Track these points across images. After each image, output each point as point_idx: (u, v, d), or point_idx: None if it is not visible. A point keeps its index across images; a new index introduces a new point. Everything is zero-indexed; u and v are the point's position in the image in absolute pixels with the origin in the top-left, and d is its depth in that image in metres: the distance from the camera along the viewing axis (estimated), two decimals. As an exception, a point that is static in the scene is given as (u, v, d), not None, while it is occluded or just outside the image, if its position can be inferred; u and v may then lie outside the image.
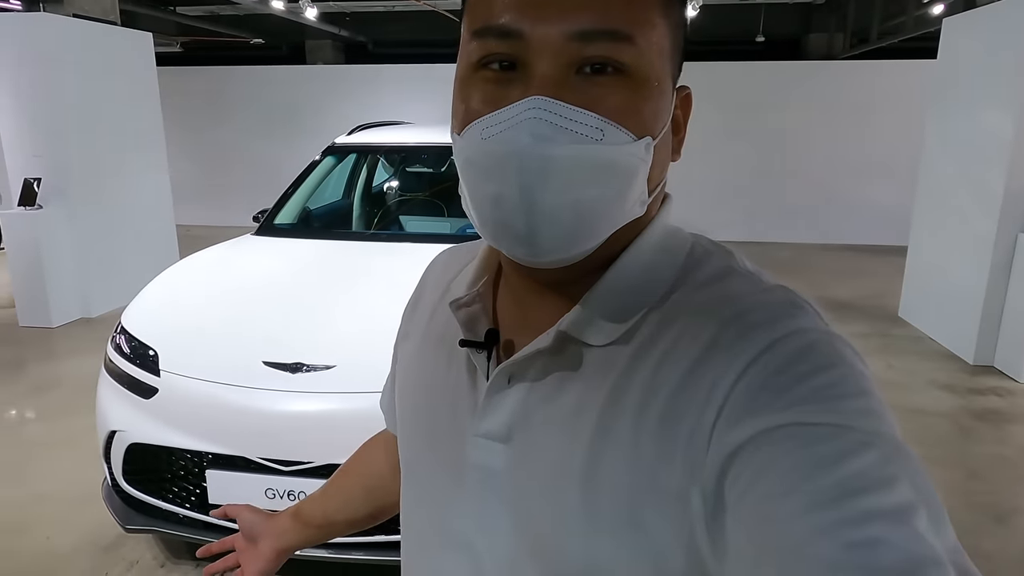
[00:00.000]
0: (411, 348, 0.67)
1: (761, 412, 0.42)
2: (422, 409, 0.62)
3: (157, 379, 2.13)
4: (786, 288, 0.50)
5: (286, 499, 1.98)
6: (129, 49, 5.61)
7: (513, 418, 0.53)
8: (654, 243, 0.53)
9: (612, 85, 0.45)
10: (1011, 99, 4.05)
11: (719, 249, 0.54)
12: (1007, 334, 4.18)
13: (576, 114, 0.44)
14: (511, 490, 0.52)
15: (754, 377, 0.43)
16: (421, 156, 4.01)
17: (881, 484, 0.38)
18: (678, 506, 0.45)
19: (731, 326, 0.46)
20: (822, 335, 0.45)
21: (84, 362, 4.20)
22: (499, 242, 0.49)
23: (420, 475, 0.61)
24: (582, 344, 0.51)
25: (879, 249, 7.72)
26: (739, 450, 0.41)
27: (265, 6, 7.53)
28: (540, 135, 0.43)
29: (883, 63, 8.03)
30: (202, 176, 9.51)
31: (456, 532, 0.56)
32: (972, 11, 4.61)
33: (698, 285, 0.50)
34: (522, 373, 0.53)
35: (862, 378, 0.44)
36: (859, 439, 0.39)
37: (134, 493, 2.16)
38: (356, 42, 10.12)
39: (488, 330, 0.56)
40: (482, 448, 0.54)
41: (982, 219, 4.30)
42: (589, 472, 0.48)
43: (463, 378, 0.58)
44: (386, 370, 2.33)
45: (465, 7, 0.50)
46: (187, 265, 2.81)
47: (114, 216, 5.46)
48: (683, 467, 0.44)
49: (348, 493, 0.86)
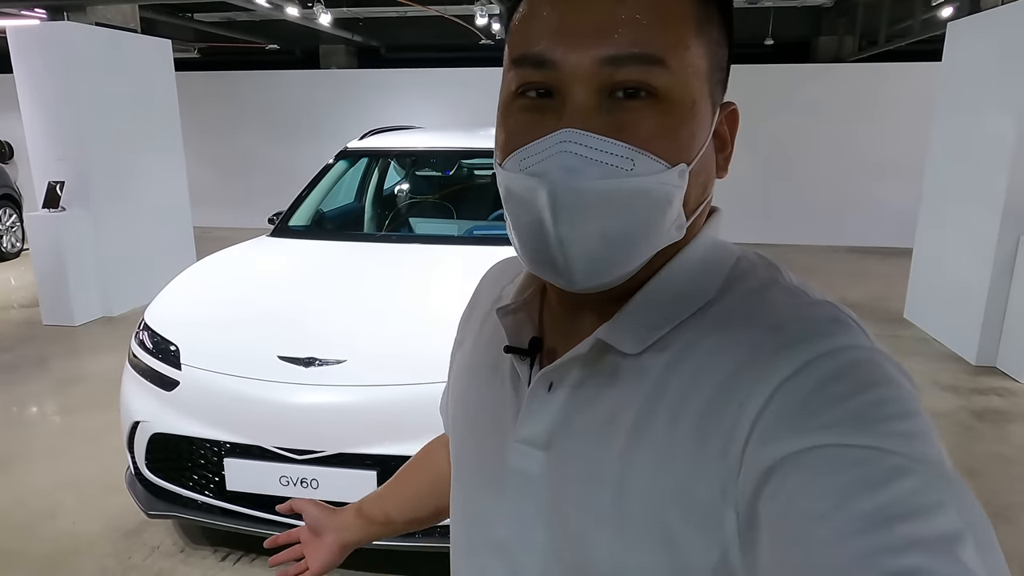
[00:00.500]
0: (464, 354, 0.68)
1: (797, 432, 0.40)
2: (470, 414, 0.63)
3: (178, 372, 2.24)
4: (832, 303, 0.48)
5: (299, 486, 2.09)
6: (149, 56, 5.77)
7: (552, 425, 0.53)
8: (698, 256, 0.52)
9: (645, 110, 0.45)
10: (1013, 102, 4.08)
11: (765, 262, 0.53)
12: (1009, 335, 4.22)
13: (607, 144, 0.44)
14: (547, 496, 0.53)
15: (790, 395, 0.42)
16: (430, 160, 4.12)
17: (924, 511, 0.36)
18: (710, 519, 0.44)
19: (769, 341, 0.45)
20: (866, 353, 0.44)
21: (105, 359, 4.35)
22: (537, 270, 0.50)
23: (465, 478, 0.63)
24: (619, 352, 0.50)
25: (888, 251, 7.74)
26: (774, 469, 0.40)
27: (280, 12, 7.68)
28: (570, 168, 0.44)
29: (890, 66, 8.05)
30: (219, 178, 9.69)
31: (494, 534, 0.57)
32: (976, 15, 4.65)
33: (739, 298, 0.50)
34: (562, 380, 0.53)
35: (908, 399, 0.42)
36: (901, 463, 0.38)
37: (156, 481, 2.27)
38: (369, 47, 10.26)
39: (532, 338, 0.57)
40: (521, 454, 0.55)
41: (984, 221, 4.34)
42: (622, 480, 0.48)
43: (507, 384, 0.59)
44: (393, 364, 2.44)
45: (506, 37, 0.51)
46: (206, 265, 2.94)
47: (134, 218, 5.61)
48: (715, 482, 0.44)
49: (411, 491, 0.88)
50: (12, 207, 7.69)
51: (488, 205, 3.79)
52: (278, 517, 2.14)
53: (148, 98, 5.74)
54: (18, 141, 8.99)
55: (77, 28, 5.11)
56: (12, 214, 7.69)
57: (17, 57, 5.08)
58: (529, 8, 0.48)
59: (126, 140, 5.50)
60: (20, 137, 6.41)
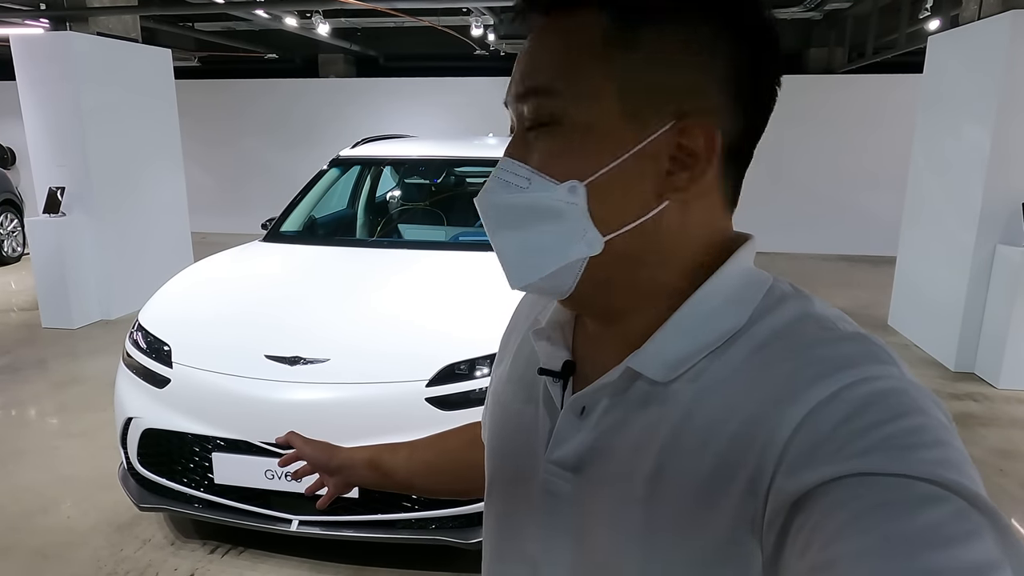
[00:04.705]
0: (502, 373, 0.70)
1: (825, 462, 0.40)
2: (506, 433, 0.65)
3: (170, 370, 2.34)
4: (865, 336, 0.48)
5: (283, 480, 2.18)
6: (149, 65, 5.89)
7: (583, 448, 0.55)
8: (730, 284, 0.52)
9: (543, 137, 0.51)
10: (989, 115, 4.19)
11: (798, 293, 0.53)
12: (986, 342, 4.32)
13: (514, 167, 0.52)
14: (577, 516, 0.55)
15: (818, 425, 0.42)
16: (420, 168, 4.22)
17: (956, 540, 0.35)
18: (736, 548, 0.45)
19: (799, 374, 0.45)
20: (896, 383, 0.43)
21: (103, 361, 4.44)
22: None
23: (498, 492, 0.66)
24: (648, 380, 0.52)
25: (877, 259, 7.84)
26: (801, 501, 0.40)
27: (279, 22, 7.82)
28: (488, 188, 0.54)
29: (878, 77, 8.18)
30: (217, 185, 9.81)
31: (524, 551, 0.60)
32: (955, 29, 4.76)
33: (770, 328, 0.50)
34: (593, 405, 0.55)
35: (939, 428, 0.41)
36: (932, 491, 0.37)
37: (148, 475, 2.37)
38: (367, 56, 10.40)
39: (565, 361, 0.59)
40: (553, 475, 0.57)
41: (963, 230, 4.44)
42: (650, 507, 0.49)
43: (541, 406, 0.61)
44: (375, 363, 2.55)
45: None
46: (198, 268, 3.04)
47: (133, 223, 5.71)
48: (741, 513, 0.45)
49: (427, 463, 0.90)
50: (13, 212, 7.81)
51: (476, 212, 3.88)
52: (264, 510, 2.24)
53: (148, 106, 5.85)
54: (20, 147, 9.15)
55: (79, 38, 5.23)
56: (13, 219, 7.81)
57: (20, 65, 5.21)
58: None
59: (126, 147, 5.61)
60: (22, 143, 6.55)
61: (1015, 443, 3.52)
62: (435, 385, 2.19)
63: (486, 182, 0.54)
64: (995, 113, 4.13)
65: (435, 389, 2.18)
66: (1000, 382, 4.15)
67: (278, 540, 2.41)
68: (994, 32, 4.20)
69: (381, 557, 2.42)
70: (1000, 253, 4.23)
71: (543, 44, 0.51)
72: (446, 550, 2.26)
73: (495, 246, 0.55)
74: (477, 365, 2.23)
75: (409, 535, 2.21)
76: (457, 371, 2.22)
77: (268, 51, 10.05)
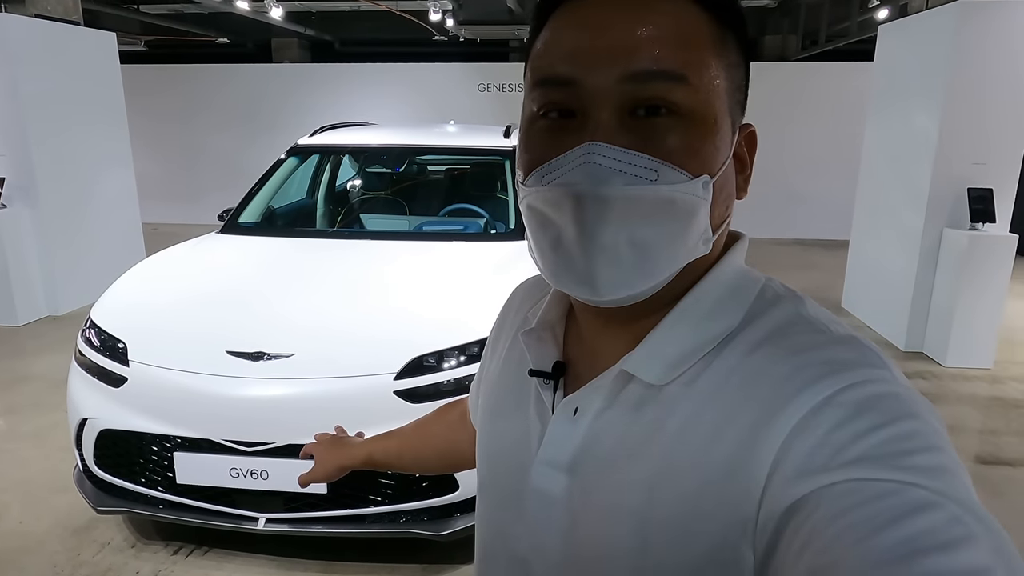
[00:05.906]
0: (492, 370, 0.69)
1: (820, 467, 0.40)
2: (497, 433, 0.64)
3: (126, 369, 2.26)
4: (857, 339, 0.48)
5: (249, 478, 2.14)
6: (92, 49, 5.64)
7: (576, 450, 0.54)
8: (722, 284, 0.52)
9: (667, 126, 0.46)
10: (936, 103, 4.32)
11: (790, 294, 0.53)
12: (934, 322, 4.49)
13: (630, 156, 0.45)
14: (567, 517, 0.54)
15: (812, 431, 0.42)
16: (381, 156, 4.16)
17: (949, 545, 0.35)
18: (729, 553, 0.45)
19: (792, 379, 0.45)
20: (889, 387, 0.44)
21: (51, 359, 4.27)
22: (561, 283, 0.51)
23: (489, 491, 0.65)
24: (643, 383, 0.51)
25: (831, 243, 8.07)
26: (796, 506, 0.40)
27: (229, 5, 7.57)
28: (596, 177, 0.45)
29: (830, 65, 8.38)
30: (168, 174, 9.50)
31: (514, 549, 0.59)
32: (904, 19, 4.89)
33: (763, 331, 0.49)
34: (586, 407, 0.54)
35: (932, 434, 0.42)
36: (926, 496, 0.37)
37: (105, 477, 2.29)
38: (322, 41, 10.17)
39: (556, 362, 0.58)
40: (544, 475, 0.56)
41: (912, 215, 4.59)
42: (644, 512, 0.49)
43: (532, 407, 0.60)
44: (341, 357, 2.50)
45: (527, 60, 0.53)
46: (154, 262, 2.94)
47: (80, 215, 5.50)
48: (734, 518, 0.44)
49: (416, 450, 0.96)
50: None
51: (439, 201, 3.86)
52: (229, 509, 2.19)
53: (93, 92, 5.62)
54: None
55: (16, 20, 4.98)
56: (-51, 211, 7.42)
57: (-47, 49, 4.93)
58: (552, 34, 0.50)
59: (70, 135, 5.39)
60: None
61: (962, 419, 3.67)
62: (403, 378, 2.17)
63: (587, 170, 0.46)
64: (942, 101, 4.26)
65: (403, 382, 2.16)
66: (947, 360, 4.32)
67: (244, 538, 2.37)
68: (941, 22, 4.32)
69: (351, 552, 2.40)
70: (947, 236, 4.38)
71: (649, 23, 0.46)
72: (416, 543, 2.25)
73: (594, 247, 0.47)
74: (446, 357, 2.22)
75: (379, 529, 2.19)
76: (425, 363, 2.21)
77: (219, 35, 9.73)
